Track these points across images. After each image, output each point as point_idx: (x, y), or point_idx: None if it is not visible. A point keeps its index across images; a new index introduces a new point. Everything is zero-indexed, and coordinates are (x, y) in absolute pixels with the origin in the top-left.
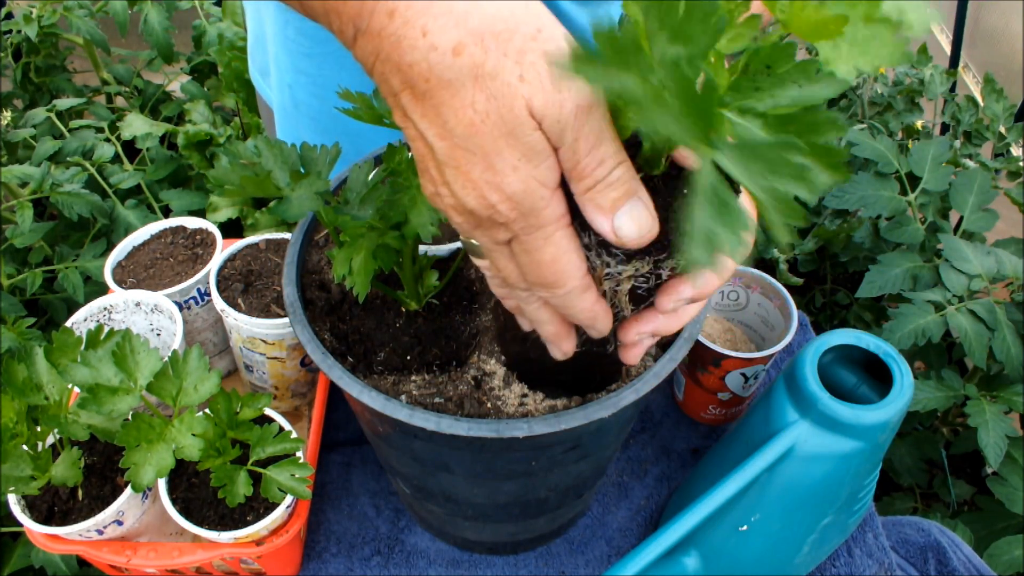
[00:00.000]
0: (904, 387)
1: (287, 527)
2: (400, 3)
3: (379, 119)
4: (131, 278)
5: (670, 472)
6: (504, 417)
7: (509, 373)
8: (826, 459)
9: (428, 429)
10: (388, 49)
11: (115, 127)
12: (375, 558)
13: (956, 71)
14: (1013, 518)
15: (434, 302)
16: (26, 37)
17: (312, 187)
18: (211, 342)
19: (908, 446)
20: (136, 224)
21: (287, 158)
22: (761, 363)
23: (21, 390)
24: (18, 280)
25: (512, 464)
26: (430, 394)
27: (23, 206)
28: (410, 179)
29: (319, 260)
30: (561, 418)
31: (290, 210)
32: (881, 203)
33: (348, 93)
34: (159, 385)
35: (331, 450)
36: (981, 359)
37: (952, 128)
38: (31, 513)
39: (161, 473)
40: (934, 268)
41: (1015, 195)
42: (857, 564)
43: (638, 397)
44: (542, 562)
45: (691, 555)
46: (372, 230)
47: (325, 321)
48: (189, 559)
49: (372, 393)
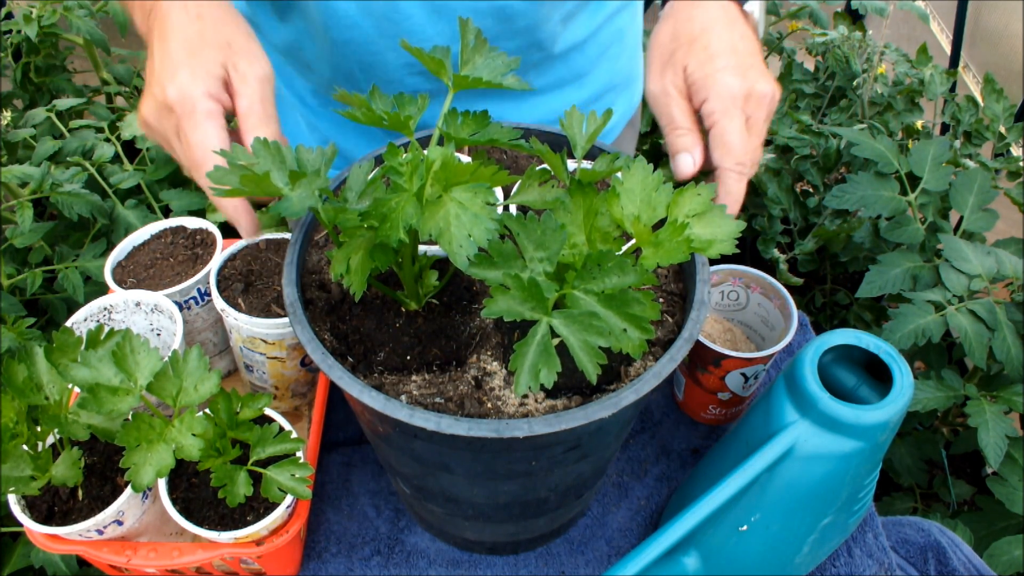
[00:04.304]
0: (904, 387)
1: (287, 527)
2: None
3: (378, 121)
4: (131, 278)
5: (670, 472)
6: (504, 417)
7: (510, 373)
8: (826, 459)
9: (428, 429)
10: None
11: (115, 127)
12: (375, 558)
13: (956, 71)
14: (1013, 518)
15: (433, 302)
16: (26, 37)
17: (312, 185)
18: (211, 342)
19: (908, 446)
20: (136, 224)
21: (284, 158)
22: (761, 363)
23: (21, 390)
24: (18, 280)
25: (512, 464)
26: (430, 394)
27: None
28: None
29: (319, 260)
30: (561, 418)
31: (290, 208)
32: (881, 203)
33: (345, 95)
34: (159, 385)
35: (331, 450)
36: (981, 359)
37: (952, 128)
38: (31, 513)
39: (161, 473)
40: (934, 268)
41: (1015, 195)
42: (857, 564)
43: (638, 397)
44: (542, 562)
45: (691, 555)
46: (369, 229)
47: (325, 321)
48: (189, 559)
49: (372, 393)
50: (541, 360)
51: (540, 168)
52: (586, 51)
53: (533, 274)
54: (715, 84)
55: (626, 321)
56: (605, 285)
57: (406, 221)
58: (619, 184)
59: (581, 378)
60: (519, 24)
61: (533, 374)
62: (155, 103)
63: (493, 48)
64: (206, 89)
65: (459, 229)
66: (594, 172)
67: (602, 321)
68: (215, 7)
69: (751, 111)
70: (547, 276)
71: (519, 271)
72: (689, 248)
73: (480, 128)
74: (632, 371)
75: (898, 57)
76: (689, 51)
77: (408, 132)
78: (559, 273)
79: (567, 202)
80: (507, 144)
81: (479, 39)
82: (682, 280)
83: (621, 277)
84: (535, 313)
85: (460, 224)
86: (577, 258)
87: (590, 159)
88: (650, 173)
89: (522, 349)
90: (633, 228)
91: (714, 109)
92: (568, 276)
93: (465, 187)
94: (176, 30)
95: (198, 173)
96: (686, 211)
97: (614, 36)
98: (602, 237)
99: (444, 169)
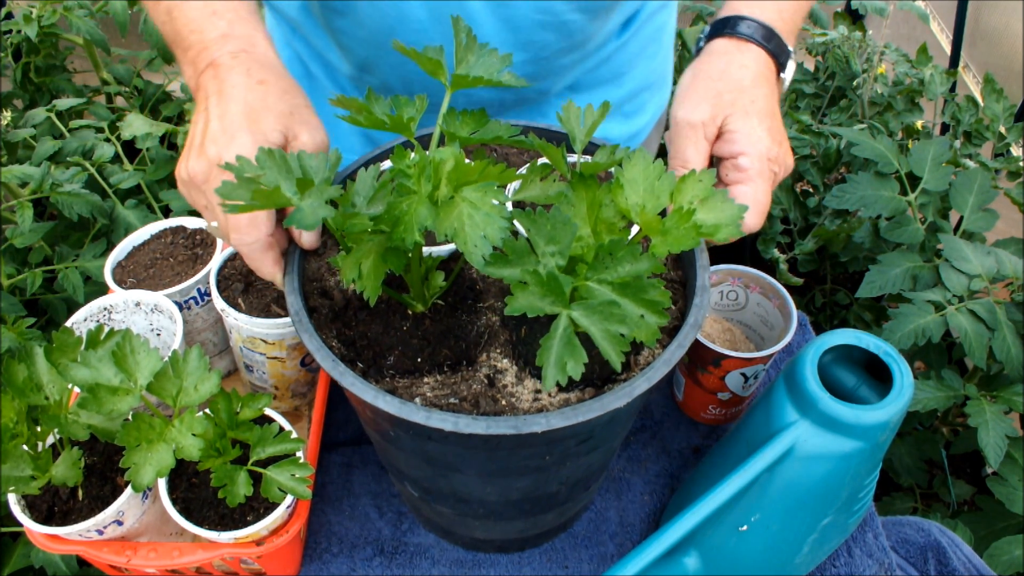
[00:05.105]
0: (904, 387)
1: (287, 527)
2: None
3: (380, 124)
4: (131, 278)
5: (672, 470)
6: (520, 413)
7: (521, 370)
8: (826, 459)
9: (446, 430)
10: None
11: (115, 127)
12: (377, 558)
13: (956, 71)
14: (1013, 518)
15: (439, 303)
16: (26, 37)
17: (322, 194)
18: (211, 342)
19: (908, 446)
20: (136, 224)
21: (290, 167)
22: (761, 363)
23: (21, 390)
24: (18, 280)
25: (527, 460)
26: (444, 395)
27: (23, 206)
28: (415, 184)
29: (319, 267)
30: (578, 411)
31: (303, 220)
32: (881, 203)
33: (343, 99)
34: (159, 385)
35: (331, 450)
36: (981, 359)
37: (952, 128)
38: (31, 513)
39: (161, 473)
40: (934, 268)
41: (1015, 195)
42: (857, 564)
43: (651, 385)
44: (545, 558)
45: (691, 555)
46: (381, 233)
47: (331, 328)
48: (189, 559)
49: (387, 398)
50: (566, 352)
51: (541, 163)
52: (628, 48)
53: (547, 268)
54: (756, 143)
55: (643, 307)
56: (618, 274)
57: (420, 223)
58: (622, 175)
59: (591, 369)
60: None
61: (560, 367)
62: (207, 163)
63: (484, 45)
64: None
65: (473, 229)
66: (595, 164)
67: (622, 309)
68: (278, 76)
69: (774, 172)
70: (559, 270)
71: (533, 267)
72: (698, 234)
73: (479, 126)
74: (641, 360)
75: (898, 57)
76: (735, 100)
77: (409, 134)
78: (570, 266)
79: (570, 195)
80: (508, 141)
81: (470, 37)
82: (681, 267)
83: (634, 265)
84: (555, 307)
85: (474, 224)
86: (586, 250)
87: (588, 154)
88: (651, 163)
89: (547, 343)
90: (640, 217)
91: (749, 167)
92: (579, 268)
93: (475, 187)
94: (237, 93)
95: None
96: (689, 198)
97: (653, 34)
98: (607, 228)
99: (455, 169)
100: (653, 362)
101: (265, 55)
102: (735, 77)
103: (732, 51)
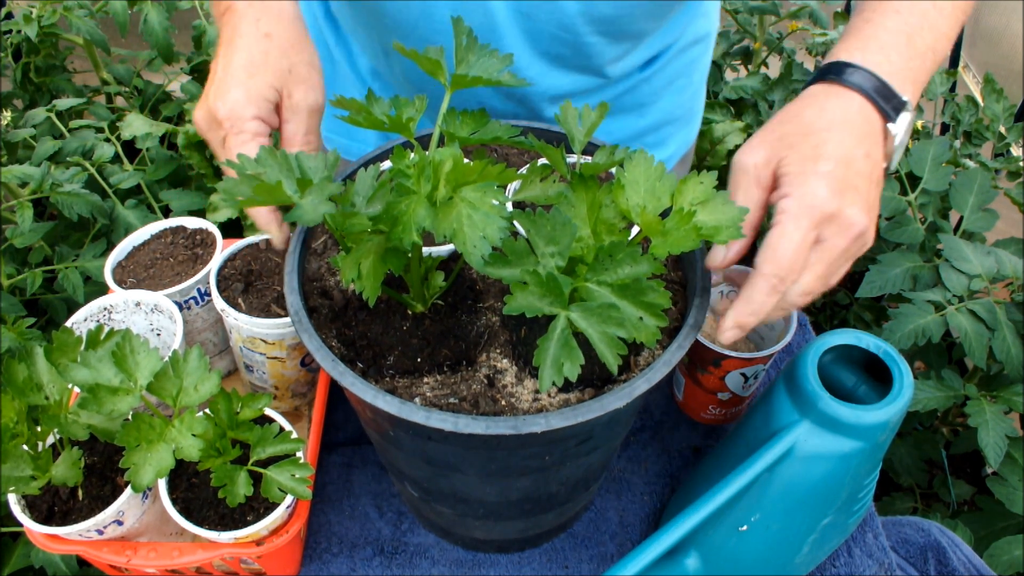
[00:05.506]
0: (904, 387)
1: (287, 527)
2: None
3: (379, 124)
4: (131, 278)
5: (672, 469)
6: (520, 413)
7: (521, 370)
8: (826, 459)
9: (446, 430)
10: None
11: (115, 127)
12: (377, 558)
13: (956, 71)
14: (1013, 518)
15: (439, 303)
16: (26, 37)
17: (324, 192)
18: (211, 342)
19: (908, 446)
20: (136, 224)
21: (291, 166)
22: (761, 363)
23: (21, 390)
24: (18, 280)
25: (527, 460)
26: (444, 395)
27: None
28: (414, 184)
29: (319, 267)
30: (578, 411)
31: (303, 216)
32: (881, 203)
33: (342, 100)
34: (159, 385)
35: (331, 450)
36: (981, 359)
37: (952, 128)
38: (31, 513)
39: (161, 473)
40: (934, 268)
41: (1015, 195)
42: (857, 564)
43: (651, 385)
44: (545, 558)
45: (691, 555)
46: (380, 233)
47: (331, 328)
48: (189, 559)
49: (387, 398)
50: (563, 353)
51: (541, 163)
52: (653, 82)
53: (546, 269)
54: (803, 185)
55: (642, 310)
56: (618, 276)
57: (418, 224)
58: (623, 175)
59: (591, 370)
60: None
61: (556, 368)
62: (207, 112)
63: (485, 46)
64: (256, 112)
65: (472, 229)
66: (595, 165)
67: (620, 312)
68: (286, 28)
69: (829, 235)
70: (559, 271)
71: (533, 267)
72: (698, 236)
73: (479, 126)
74: (641, 360)
75: None
76: (796, 144)
77: (408, 134)
78: (570, 267)
79: (570, 196)
80: (507, 141)
81: (471, 38)
82: (680, 268)
83: (634, 267)
84: (554, 307)
85: (473, 224)
86: (586, 251)
87: (587, 154)
88: (652, 164)
89: (544, 344)
90: (640, 218)
91: (786, 209)
92: (579, 269)
93: (474, 187)
94: (242, 45)
95: None
96: (690, 199)
97: (683, 68)
98: (607, 229)
99: (454, 170)
100: (653, 363)
101: (279, 4)
102: (806, 120)
103: (819, 95)
